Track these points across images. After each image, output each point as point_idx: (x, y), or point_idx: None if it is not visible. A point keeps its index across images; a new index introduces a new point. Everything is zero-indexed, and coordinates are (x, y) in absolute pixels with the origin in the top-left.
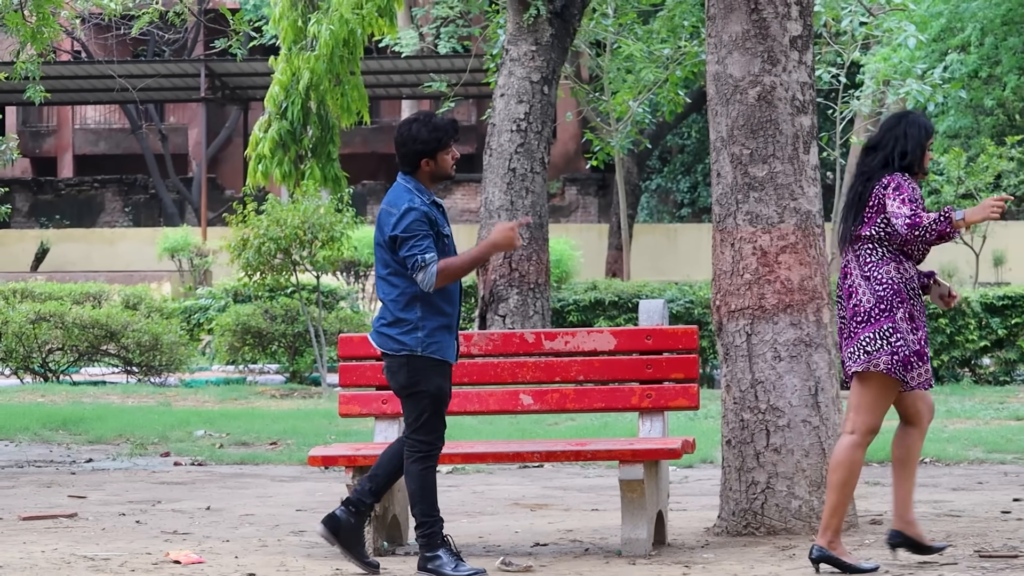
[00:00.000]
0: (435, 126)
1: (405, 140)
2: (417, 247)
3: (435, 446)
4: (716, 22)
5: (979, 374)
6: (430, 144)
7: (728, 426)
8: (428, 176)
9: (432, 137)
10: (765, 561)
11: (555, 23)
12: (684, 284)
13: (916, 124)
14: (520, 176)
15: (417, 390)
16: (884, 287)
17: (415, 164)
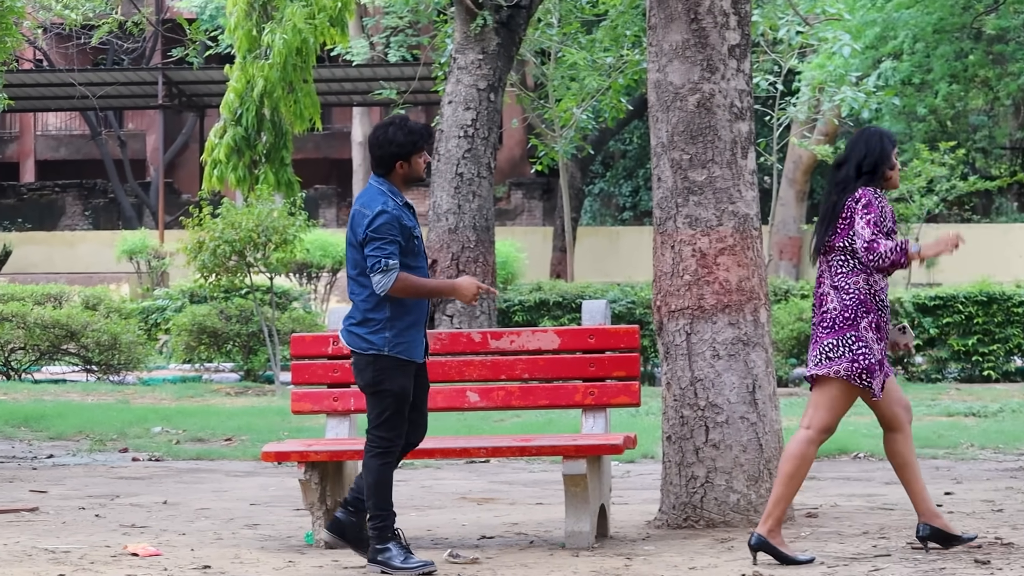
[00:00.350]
0: (410, 130)
1: (381, 143)
2: (382, 250)
3: (394, 443)
4: (657, 31)
5: (912, 372)
6: (405, 147)
7: (668, 422)
8: (401, 179)
9: (408, 140)
10: (704, 553)
11: (501, 33)
12: (626, 285)
13: (876, 135)
14: (467, 180)
15: (381, 388)
16: (851, 297)
17: (390, 166)
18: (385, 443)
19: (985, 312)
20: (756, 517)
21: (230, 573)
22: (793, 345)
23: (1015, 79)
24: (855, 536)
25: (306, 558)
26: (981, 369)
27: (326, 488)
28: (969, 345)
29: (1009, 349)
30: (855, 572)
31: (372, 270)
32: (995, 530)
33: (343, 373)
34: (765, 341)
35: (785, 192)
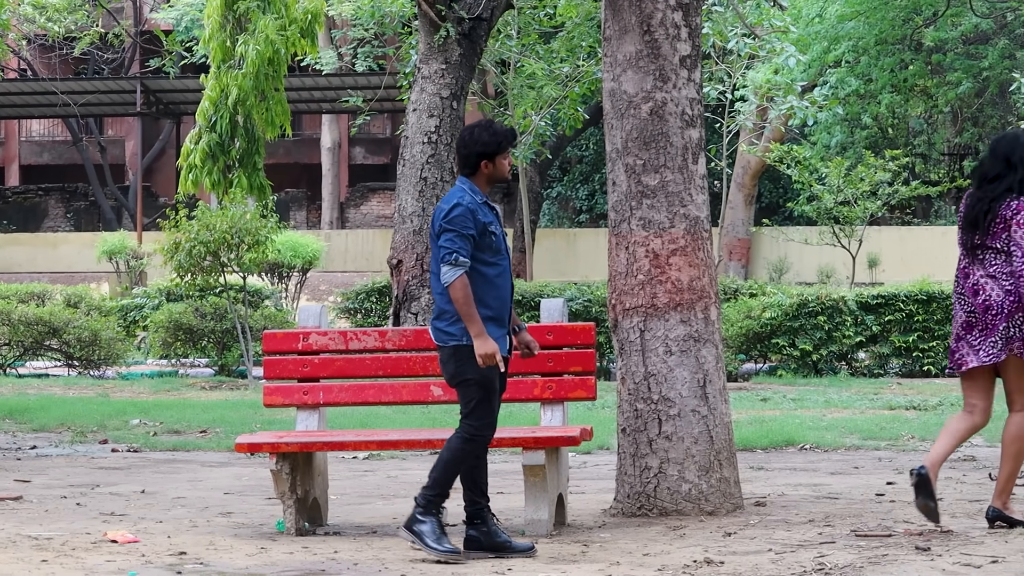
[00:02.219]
0: (495, 131)
1: (467, 143)
2: (454, 243)
3: (482, 432)
4: (611, 43)
5: (855, 367)
6: (490, 147)
7: (623, 415)
8: (486, 179)
9: (493, 140)
10: (657, 540)
11: (463, 43)
12: (583, 284)
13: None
14: (431, 185)
15: (464, 379)
16: (1011, 284)
17: (475, 166)
18: (474, 431)
19: (925, 310)
20: (707, 506)
21: (205, 559)
22: (742, 342)
23: (953, 88)
24: (802, 524)
25: (278, 545)
26: (921, 364)
27: (296, 478)
28: (910, 342)
29: (948, 345)
30: (802, 558)
31: (443, 260)
32: None
33: (313, 368)
34: (715, 338)
35: (734, 196)
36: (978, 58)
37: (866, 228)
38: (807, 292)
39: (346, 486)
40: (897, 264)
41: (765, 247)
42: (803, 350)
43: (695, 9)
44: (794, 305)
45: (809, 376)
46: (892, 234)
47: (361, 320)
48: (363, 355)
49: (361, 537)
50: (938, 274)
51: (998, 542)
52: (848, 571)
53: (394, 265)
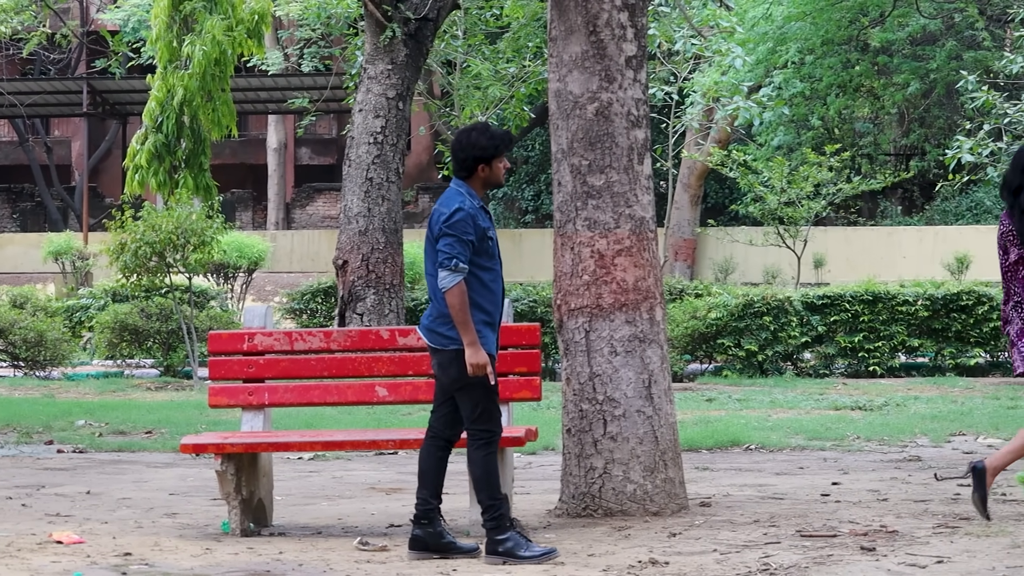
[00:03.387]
0: (492, 135)
1: (464, 146)
2: (453, 248)
3: (495, 433)
4: (557, 43)
5: (800, 367)
6: (488, 151)
7: (568, 416)
8: (482, 182)
9: (490, 144)
10: (602, 541)
11: (409, 44)
12: (528, 285)
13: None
14: (377, 185)
15: (469, 382)
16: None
17: (472, 170)
18: (488, 434)
19: (871, 310)
20: (652, 506)
21: (150, 560)
22: (688, 342)
23: (900, 89)
24: (747, 524)
25: (223, 546)
26: (867, 365)
27: (241, 479)
28: (855, 342)
29: (893, 346)
30: (747, 559)
31: (442, 265)
32: (880, 518)
33: (258, 369)
34: (660, 338)
35: (680, 196)
36: (925, 59)
37: (811, 228)
38: (753, 292)
39: (291, 487)
40: (843, 264)
41: (711, 247)
42: (748, 350)
43: (641, 10)
44: (740, 305)
45: (754, 376)
46: (838, 234)
47: (307, 321)
48: (308, 356)
49: (306, 538)
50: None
51: (943, 542)
52: (793, 571)
53: (340, 266)
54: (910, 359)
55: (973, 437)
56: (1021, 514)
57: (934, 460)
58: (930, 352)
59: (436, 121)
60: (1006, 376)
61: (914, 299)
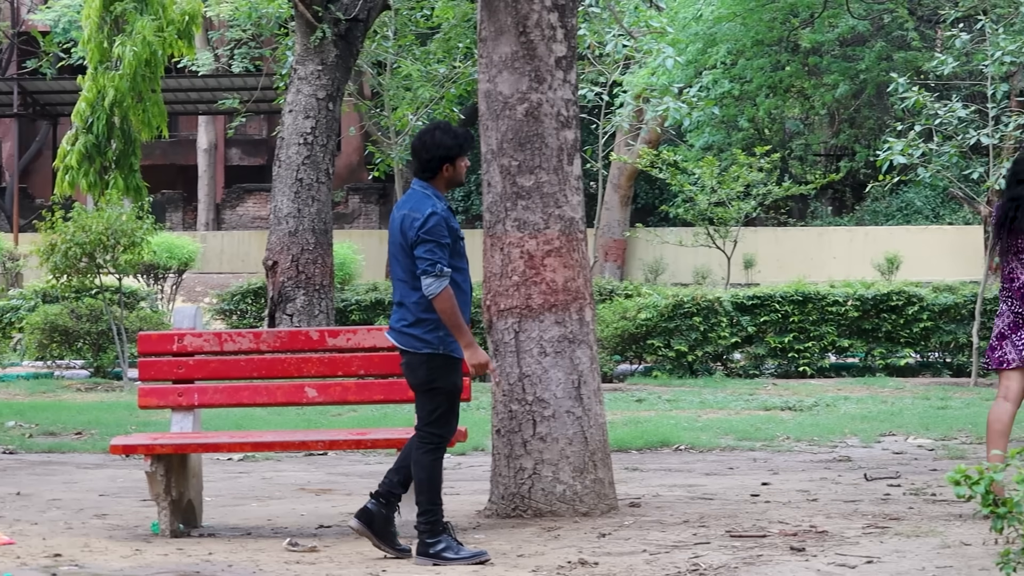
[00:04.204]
0: (456, 134)
1: (428, 146)
2: (434, 254)
3: (446, 439)
4: (487, 44)
5: (730, 368)
6: (452, 150)
7: (498, 416)
8: (445, 182)
9: (455, 144)
10: (532, 541)
11: (339, 45)
12: None
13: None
14: (307, 186)
15: (435, 386)
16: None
17: (436, 170)
18: (437, 439)
19: (801, 311)
20: (582, 507)
21: (80, 561)
22: (617, 343)
23: (830, 90)
24: (676, 525)
25: (152, 547)
26: (797, 365)
27: (171, 480)
28: (785, 342)
29: (823, 346)
30: (676, 559)
31: (425, 272)
32: (810, 518)
33: (187, 370)
34: (590, 339)
35: (610, 197)
36: (855, 60)
37: (741, 229)
38: (683, 293)
39: (221, 488)
40: (773, 265)
41: (641, 248)
42: (678, 351)
43: (571, 10)
44: (669, 306)
45: (684, 377)
46: (768, 235)
47: (236, 322)
48: (238, 357)
49: (236, 539)
50: (813, 274)
51: (873, 542)
52: (723, 572)
53: (269, 266)
54: (840, 359)
55: (903, 437)
56: (950, 514)
57: (864, 460)
58: (860, 352)
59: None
60: (936, 376)
61: (844, 299)
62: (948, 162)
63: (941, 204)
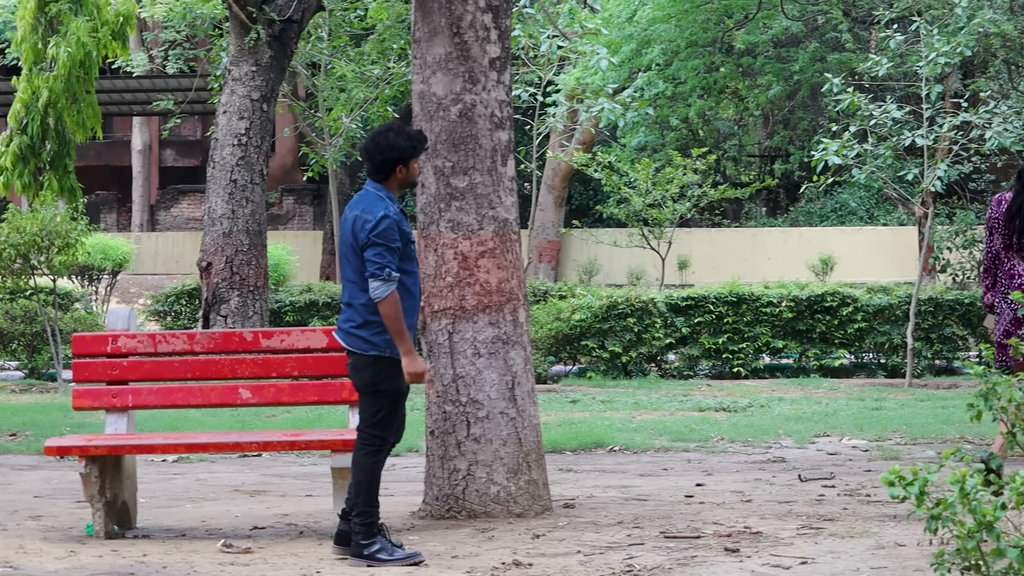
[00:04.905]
0: (409, 135)
1: (382, 148)
2: (383, 258)
3: (387, 441)
4: (421, 45)
5: (665, 369)
6: (406, 151)
7: (432, 418)
8: (398, 184)
9: (408, 145)
10: (466, 543)
11: (274, 46)
12: None
13: None
14: (241, 187)
15: (379, 388)
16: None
17: (389, 171)
18: (379, 441)
19: (735, 312)
20: (516, 508)
21: (14, 563)
22: (551, 344)
23: (764, 91)
24: (611, 526)
25: (87, 548)
26: (731, 366)
27: (105, 481)
28: (720, 343)
29: (757, 347)
30: (610, 560)
31: (373, 275)
32: (744, 519)
33: (122, 371)
34: (524, 340)
35: (544, 198)
36: (789, 61)
37: (676, 230)
38: (617, 294)
39: (155, 489)
40: (707, 266)
41: (575, 249)
42: (612, 352)
43: (505, 11)
44: (604, 307)
45: (618, 378)
46: (702, 236)
47: (171, 323)
48: (172, 358)
49: (170, 540)
50: (748, 275)
51: (807, 543)
52: (657, 572)
53: (204, 268)
54: (774, 360)
55: (837, 438)
56: (885, 515)
57: (798, 461)
58: (794, 353)
59: (300, 123)
60: (870, 377)
61: (778, 300)
62: (883, 163)
63: (875, 205)
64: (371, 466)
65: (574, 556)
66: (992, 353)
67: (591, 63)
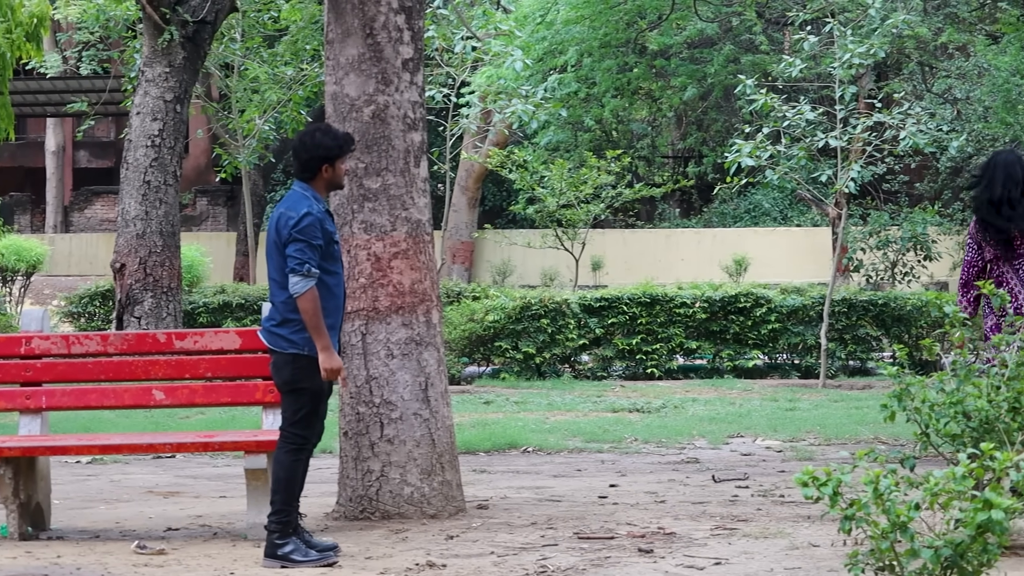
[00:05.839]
0: (336, 135)
1: (308, 147)
2: (304, 254)
3: (309, 440)
4: (334, 46)
5: (578, 370)
6: (332, 151)
7: (345, 419)
8: (325, 183)
9: (335, 144)
10: (380, 544)
11: (187, 47)
12: None
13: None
14: (154, 188)
15: (299, 387)
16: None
17: (315, 171)
18: (300, 439)
19: (648, 313)
20: (429, 509)
21: None
22: (465, 345)
23: (677, 92)
24: (524, 527)
25: (1, 550)
26: (645, 367)
27: (20, 482)
28: (633, 344)
29: (671, 348)
30: (524, 561)
31: (293, 271)
32: (658, 520)
33: (35, 372)
34: (437, 341)
35: (458, 199)
36: (703, 62)
37: (589, 231)
38: (530, 295)
39: (69, 490)
40: (621, 267)
41: (489, 250)
42: (526, 353)
43: (418, 13)
44: (517, 308)
45: (532, 379)
46: (616, 237)
47: (85, 324)
48: (86, 359)
49: (84, 542)
50: (662, 276)
51: (721, 543)
52: (571, 573)
53: (117, 269)
54: (688, 361)
55: (751, 439)
56: (799, 515)
57: (712, 462)
58: (708, 354)
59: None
60: (784, 378)
61: (692, 301)
62: (796, 164)
63: (789, 206)
64: (291, 464)
65: (488, 557)
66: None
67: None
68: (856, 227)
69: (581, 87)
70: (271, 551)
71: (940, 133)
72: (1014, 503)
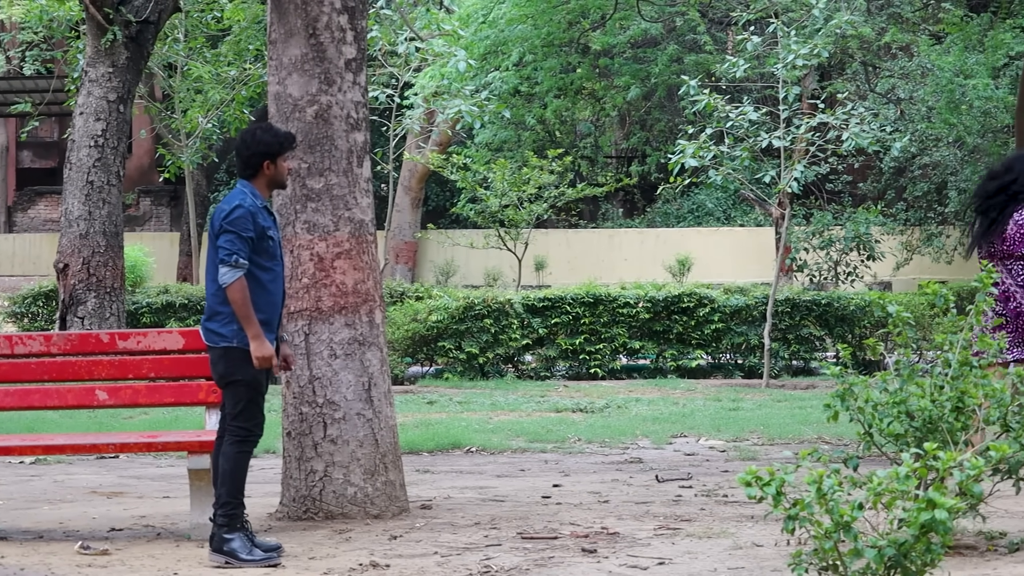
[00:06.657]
0: (276, 133)
1: (249, 144)
2: (234, 245)
3: (253, 432)
4: (277, 46)
5: (522, 370)
6: (273, 147)
7: (288, 419)
8: (267, 181)
9: (275, 142)
10: (323, 544)
11: (130, 47)
12: None
13: None
14: (98, 188)
15: (234, 380)
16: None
17: (257, 167)
18: (245, 432)
19: (592, 313)
20: (373, 509)
21: None
22: (408, 345)
23: (621, 92)
24: (468, 527)
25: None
26: (588, 367)
27: None
28: (577, 344)
29: (615, 348)
30: (468, 561)
31: (222, 261)
32: (602, 520)
33: None
34: (380, 341)
35: (401, 199)
36: (646, 62)
37: (532, 231)
38: (474, 295)
39: (12, 491)
40: (564, 267)
41: (432, 250)
42: (469, 353)
43: (361, 13)
44: (460, 308)
45: (475, 379)
46: (559, 237)
47: (28, 324)
48: (29, 359)
49: (28, 542)
50: (605, 276)
51: (665, 543)
52: (514, 573)
53: (61, 269)
54: (631, 361)
55: (695, 439)
56: (742, 515)
57: (655, 462)
58: (651, 354)
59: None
60: (727, 378)
61: (635, 301)
62: (739, 164)
63: (733, 206)
64: (236, 456)
65: (431, 557)
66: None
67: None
68: (799, 227)
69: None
70: (218, 545)
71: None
72: (957, 503)
